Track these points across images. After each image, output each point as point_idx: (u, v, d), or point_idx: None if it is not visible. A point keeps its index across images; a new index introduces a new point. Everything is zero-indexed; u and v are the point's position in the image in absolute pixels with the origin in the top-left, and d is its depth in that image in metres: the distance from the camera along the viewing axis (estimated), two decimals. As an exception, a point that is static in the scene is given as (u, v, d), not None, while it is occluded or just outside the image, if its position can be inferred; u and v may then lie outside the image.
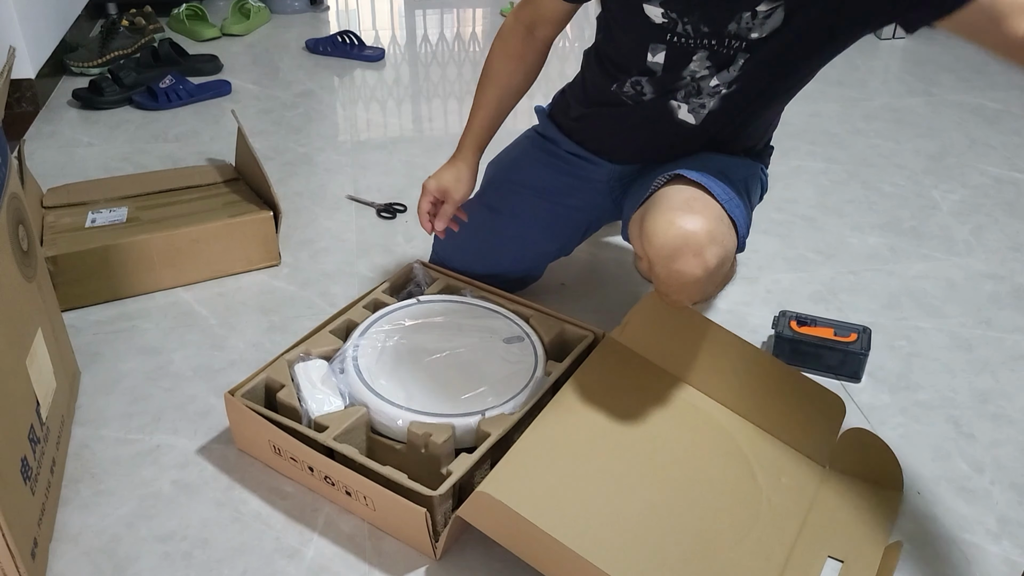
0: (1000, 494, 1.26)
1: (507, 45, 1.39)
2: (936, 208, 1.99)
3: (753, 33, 1.18)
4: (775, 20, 1.16)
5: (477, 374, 1.29)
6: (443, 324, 1.39)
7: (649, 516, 1.12)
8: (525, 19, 1.37)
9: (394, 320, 1.38)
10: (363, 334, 1.35)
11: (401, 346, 1.33)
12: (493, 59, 1.40)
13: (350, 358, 1.30)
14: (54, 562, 1.15)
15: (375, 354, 1.32)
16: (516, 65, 1.39)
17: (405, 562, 1.16)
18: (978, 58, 2.81)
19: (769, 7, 1.15)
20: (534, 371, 1.30)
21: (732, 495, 1.18)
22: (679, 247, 1.15)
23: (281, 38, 2.93)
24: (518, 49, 1.38)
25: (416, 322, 1.38)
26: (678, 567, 1.06)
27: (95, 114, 2.40)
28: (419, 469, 1.17)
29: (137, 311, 1.62)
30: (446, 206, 1.41)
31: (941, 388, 1.46)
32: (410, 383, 1.27)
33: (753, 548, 1.11)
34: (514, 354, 1.33)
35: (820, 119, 2.40)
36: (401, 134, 2.34)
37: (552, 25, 1.37)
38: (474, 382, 1.28)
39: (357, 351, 1.31)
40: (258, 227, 1.71)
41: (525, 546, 1.05)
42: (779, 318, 1.51)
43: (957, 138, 2.31)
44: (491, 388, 1.26)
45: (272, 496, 1.25)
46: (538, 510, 1.03)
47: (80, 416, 1.39)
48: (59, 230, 1.66)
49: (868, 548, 1.15)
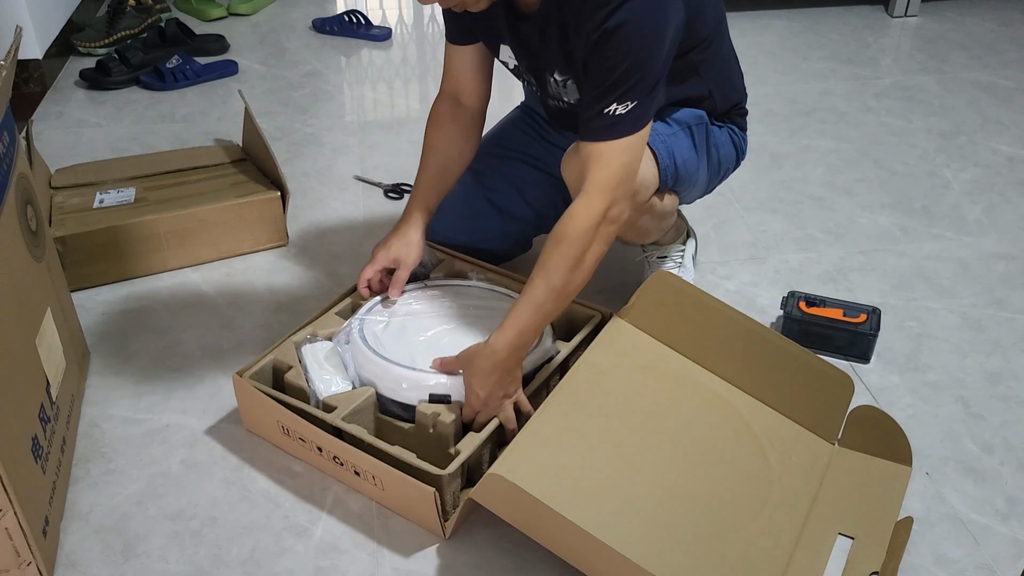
0: (1009, 474, 1.26)
1: (437, 114, 1.42)
2: (948, 187, 1.97)
3: (565, 98, 1.30)
4: (572, 89, 1.27)
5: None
6: (447, 302, 1.39)
7: (661, 496, 1.12)
8: (448, 89, 1.43)
9: (401, 300, 1.38)
10: (369, 310, 1.35)
11: (407, 320, 1.34)
12: (427, 130, 1.43)
13: (356, 329, 1.30)
14: (65, 540, 1.16)
15: (380, 326, 1.32)
16: (448, 131, 1.42)
17: (413, 541, 1.16)
18: (990, 36, 2.78)
19: (563, 77, 1.26)
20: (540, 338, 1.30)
21: (743, 474, 1.18)
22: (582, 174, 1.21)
23: (288, 18, 2.92)
24: (448, 115, 1.42)
25: (420, 302, 1.38)
26: (691, 546, 1.07)
27: (102, 94, 2.39)
28: (427, 449, 1.17)
29: (145, 291, 1.63)
30: (399, 272, 1.38)
31: (951, 369, 1.45)
32: (414, 349, 1.27)
33: (765, 526, 1.12)
34: None
35: (830, 97, 2.38)
36: (408, 114, 2.33)
37: (470, 83, 1.40)
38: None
39: (363, 324, 1.32)
40: (265, 207, 1.71)
41: (538, 527, 1.05)
42: (788, 298, 1.51)
43: (969, 116, 2.29)
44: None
45: (281, 475, 1.25)
46: (551, 491, 1.03)
47: (89, 396, 1.39)
48: (67, 210, 1.66)
49: (878, 524, 1.15)
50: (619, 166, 1.15)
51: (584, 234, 1.14)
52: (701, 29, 1.28)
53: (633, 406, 1.25)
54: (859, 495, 1.19)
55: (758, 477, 1.18)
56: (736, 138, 1.46)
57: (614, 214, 1.16)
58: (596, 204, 1.14)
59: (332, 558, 1.14)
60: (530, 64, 1.30)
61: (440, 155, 1.42)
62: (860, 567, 1.09)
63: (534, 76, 1.33)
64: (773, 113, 2.29)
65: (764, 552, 1.09)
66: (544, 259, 1.17)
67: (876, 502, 1.18)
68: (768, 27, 2.83)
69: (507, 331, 1.17)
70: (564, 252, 1.15)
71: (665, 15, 1.11)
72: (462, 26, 1.35)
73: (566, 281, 1.16)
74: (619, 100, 1.12)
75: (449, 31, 1.38)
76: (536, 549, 1.13)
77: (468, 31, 1.36)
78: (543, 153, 1.56)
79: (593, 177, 1.15)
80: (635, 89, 1.12)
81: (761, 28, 2.82)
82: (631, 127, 1.14)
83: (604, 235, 1.16)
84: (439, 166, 1.42)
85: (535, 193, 1.55)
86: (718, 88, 1.39)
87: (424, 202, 1.41)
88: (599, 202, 1.14)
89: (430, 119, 1.43)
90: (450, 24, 1.37)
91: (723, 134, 1.43)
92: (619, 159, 1.15)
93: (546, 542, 1.06)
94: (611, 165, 1.15)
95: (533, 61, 1.29)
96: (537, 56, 1.27)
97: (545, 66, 1.28)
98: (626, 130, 1.14)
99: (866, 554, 1.10)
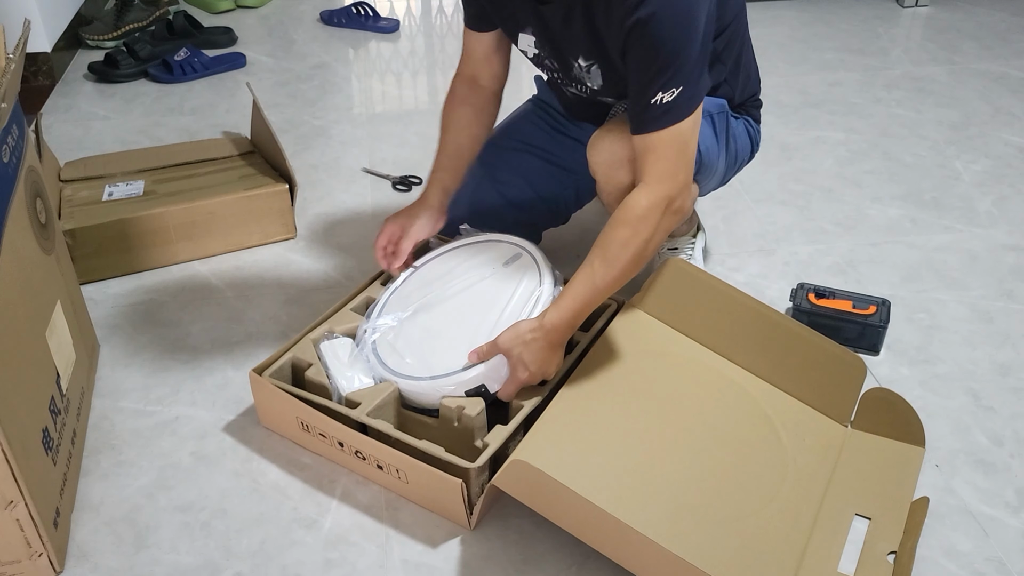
0: (1019, 467, 1.25)
1: (454, 95, 1.44)
2: (958, 179, 1.96)
3: (588, 83, 1.31)
4: (596, 75, 1.28)
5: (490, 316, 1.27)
6: (443, 277, 1.37)
7: (679, 479, 1.13)
8: (466, 71, 1.44)
9: (401, 295, 1.38)
10: (380, 313, 1.35)
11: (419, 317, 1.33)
12: (444, 111, 1.44)
13: (369, 347, 1.29)
14: (76, 531, 1.17)
15: (393, 334, 1.31)
16: (466, 112, 1.43)
17: (422, 532, 1.16)
18: (1002, 26, 2.76)
19: (588, 62, 1.26)
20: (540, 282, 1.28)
21: (759, 457, 1.19)
22: (609, 160, 1.26)
23: (295, 9, 2.91)
24: (465, 96, 1.43)
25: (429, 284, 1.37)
26: (711, 528, 1.07)
27: (111, 87, 2.40)
28: (452, 442, 1.17)
29: (155, 284, 1.63)
30: (403, 242, 1.40)
31: (961, 361, 1.45)
32: (437, 348, 1.26)
33: (782, 509, 1.12)
34: (516, 274, 1.32)
35: (840, 88, 2.37)
36: (416, 106, 2.33)
37: (488, 66, 1.41)
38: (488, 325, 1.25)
39: (376, 343, 1.30)
40: (274, 200, 1.71)
41: (561, 512, 1.06)
42: (797, 290, 1.50)
43: (980, 107, 2.27)
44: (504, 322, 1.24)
45: (290, 467, 1.26)
46: (573, 475, 1.04)
47: (100, 388, 1.40)
48: (76, 203, 1.67)
49: (894, 505, 1.15)
50: (675, 153, 1.16)
51: (643, 219, 1.15)
52: (726, 15, 1.29)
53: (648, 392, 1.25)
54: (874, 476, 1.19)
55: (773, 460, 1.19)
56: (751, 130, 1.46)
57: (677, 205, 1.18)
58: (657, 191, 1.16)
59: (341, 550, 1.14)
60: (553, 49, 1.30)
61: (456, 135, 1.43)
62: (878, 547, 1.09)
63: (557, 61, 1.32)
64: (782, 104, 2.28)
65: (782, 533, 1.09)
66: (605, 240, 1.18)
67: (891, 483, 1.19)
68: (778, 18, 2.82)
69: (563, 309, 1.18)
70: (625, 236, 1.16)
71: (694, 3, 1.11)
72: (480, 13, 1.35)
73: (624, 265, 1.17)
74: (663, 88, 1.12)
75: (468, 16, 1.38)
76: (544, 540, 1.14)
77: (487, 18, 1.36)
78: (555, 146, 1.55)
79: (652, 168, 1.16)
80: (678, 74, 1.12)
81: (771, 19, 2.81)
82: (682, 112, 1.14)
83: (665, 226, 1.18)
84: (454, 148, 1.43)
85: (546, 186, 1.55)
86: (737, 77, 1.39)
87: (438, 181, 1.43)
88: (660, 190, 1.16)
89: (447, 100, 1.44)
90: (469, 10, 1.37)
91: (739, 125, 1.43)
92: (674, 146, 1.16)
93: (569, 526, 1.06)
94: (668, 153, 1.15)
95: (556, 46, 1.28)
96: (560, 41, 1.26)
97: (568, 51, 1.27)
98: (677, 116, 1.14)
99: (883, 534, 1.11)
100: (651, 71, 1.12)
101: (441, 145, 1.44)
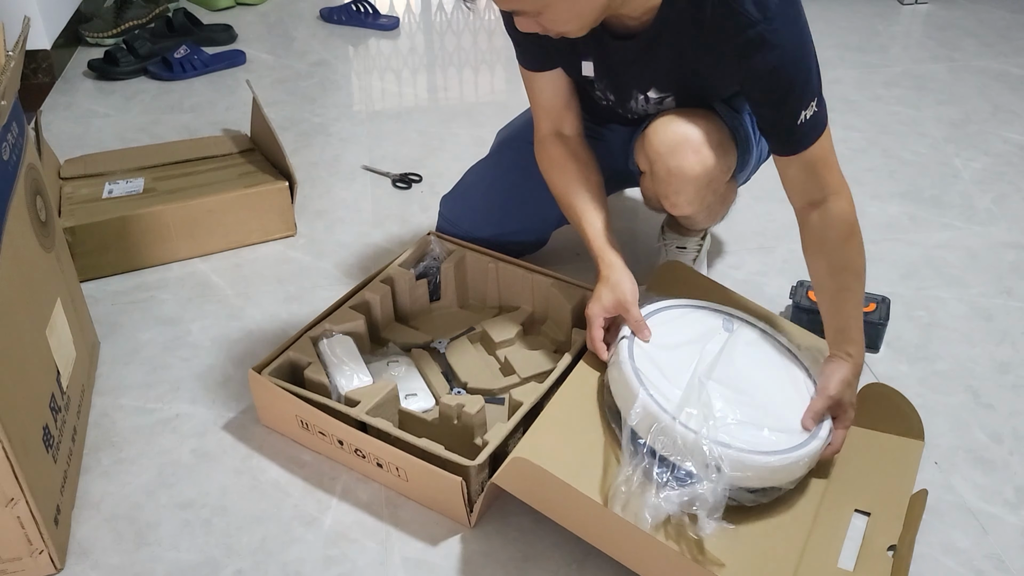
0: (1019, 464, 1.26)
1: (553, 159, 1.36)
2: (957, 176, 1.96)
3: (648, 110, 1.32)
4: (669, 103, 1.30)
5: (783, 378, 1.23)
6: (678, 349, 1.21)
7: None
8: (548, 128, 1.37)
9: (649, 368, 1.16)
10: (662, 398, 1.11)
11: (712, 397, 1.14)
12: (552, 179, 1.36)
13: (704, 433, 1.07)
14: (77, 528, 1.17)
15: (715, 416, 1.11)
16: (573, 169, 1.34)
17: (422, 530, 1.17)
18: (1002, 23, 2.76)
19: (659, 95, 1.28)
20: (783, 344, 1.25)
21: None
22: (678, 142, 1.25)
23: (295, 7, 2.91)
24: (564, 154, 1.35)
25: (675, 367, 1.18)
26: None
27: (110, 85, 2.40)
28: (451, 440, 1.17)
29: (155, 281, 1.63)
30: (632, 312, 1.22)
31: (960, 358, 1.45)
32: (757, 430, 1.11)
33: (781, 506, 1.12)
34: (752, 334, 1.26)
35: (839, 85, 2.37)
36: (416, 104, 2.33)
37: (566, 113, 1.35)
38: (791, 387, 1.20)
39: (702, 426, 1.08)
40: (274, 197, 1.71)
41: (561, 509, 1.06)
42: (797, 288, 1.50)
43: (980, 105, 2.27)
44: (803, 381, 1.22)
45: (290, 464, 1.26)
46: (573, 473, 1.04)
47: (100, 386, 1.40)
48: (76, 201, 1.67)
49: (893, 499, 1.16)
50: (833, 153, 1.20)
51: (855, 223, 1.20)
52: None
53: None
54: (873, 471, 1.20)
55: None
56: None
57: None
58: (846, 193, 1.20)
59: (342, 547, 1.15)
60: (615, 81, 1.29)
61: (583, 193, 1.33)
62: (877, 542, 1.10)
63: (615, 93, 1.31)
64: (782, 102, 2.28)
65: (781, 530, 1.10)
66: (843, 259, 1.20)
67: (890, 477, 1.19)
68: (777, 15, 2.81)
69: (856, 339, 1.19)
70: (856, 244, 1.20)
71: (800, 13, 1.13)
72: (540, 52, 1.29)
73: (864, 268, 1.21)
74: (805, 107, 1.15)
75: (525, 59, 1.31)
76: (543, 538, 1.14)
77: (548, 57, 1.29)
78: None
79: (828, 177, 1.19)
80: (811, 89, 1.15)
81: (770, 16, 2.80)
82: (823, 117, 1.17)
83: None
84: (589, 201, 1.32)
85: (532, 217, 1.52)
86: None
87: (608, 243, 1.29)
88: (846, 190, 1.21)
89: (550, 167, 1.36)
90: (527, 51, 1.30)
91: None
92: (829, 148, 1.19)
93: (569, 524, 1.07)
94: (831, 158, 1.19)
95: (621, 79, 1.28)
96: (628, 75, 1.26)
97: (636, 84, 1.27)
98: (823, 122, 1.17)
99: (883, 529, 1.11)
100: (791, 100, 1.14)
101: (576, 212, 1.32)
